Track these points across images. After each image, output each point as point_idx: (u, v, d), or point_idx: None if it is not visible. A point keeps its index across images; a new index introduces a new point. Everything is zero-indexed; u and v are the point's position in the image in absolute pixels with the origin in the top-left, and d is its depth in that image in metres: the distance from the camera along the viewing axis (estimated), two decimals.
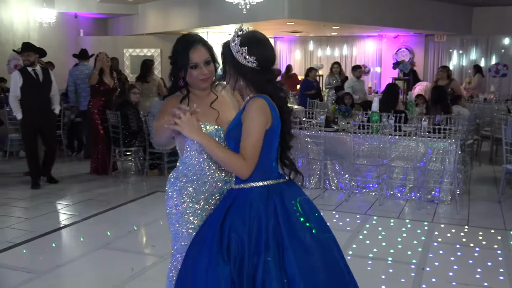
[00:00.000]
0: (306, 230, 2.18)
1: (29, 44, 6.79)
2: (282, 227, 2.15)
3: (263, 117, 2.15)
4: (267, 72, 2.22)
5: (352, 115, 6.80)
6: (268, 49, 2.25)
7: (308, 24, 14.15)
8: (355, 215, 5.56)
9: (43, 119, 6.62)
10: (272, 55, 2.26)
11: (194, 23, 14.34)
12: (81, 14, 15.56)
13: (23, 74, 6.54)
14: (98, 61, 7.31)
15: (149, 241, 4.92)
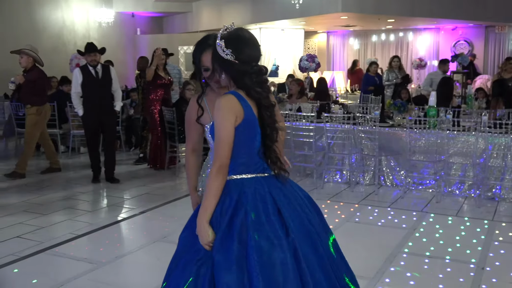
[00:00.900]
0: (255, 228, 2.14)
1: (93, 44, 6.96)
2: (249, 222, 2.14)
3: (230, 114, 2.17)
4: (245, 65, 2.23)
5: (408, 110, 6.65)
6: (249, 45, 2.28)
7: (362, 18, 13.93)
8: (411, 212, 5.45)
9: (103, 115, 6.83)
10: (252, 53, 2.28)
11: (247, 19, 14.42)
12: (137, 13, 15.98)
13: (83, 71, 6.80)
14: (155, 57, 7.46)
15: None
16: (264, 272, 2.06)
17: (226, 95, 2.23)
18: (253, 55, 2.27)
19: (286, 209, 2.22)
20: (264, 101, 2.26)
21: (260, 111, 2.26)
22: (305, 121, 6.75)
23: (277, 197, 2.24)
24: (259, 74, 2.27)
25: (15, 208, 5.68)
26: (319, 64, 10.23)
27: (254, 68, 2.26)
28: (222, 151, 2.17)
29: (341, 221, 5.18)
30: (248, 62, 2.24)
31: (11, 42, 12.94)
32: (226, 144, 2.17)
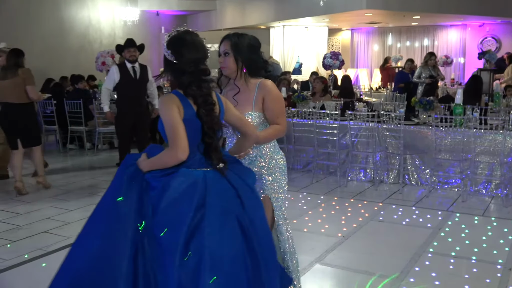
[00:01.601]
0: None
1: (133, 40, 6.75)
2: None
3: (172, 105, 2.33)
4: (183, 66, 2.40)
5: (434, 108, 6.56)
6: (188, 48, 2.42)
7: (387, 15, 13.79)
8: (437, 212, 5.38)
9: (136, 115, 6.80)
10: (191, 55, 2.41)
11: (270, 17, 14.41)
12: (162, 11, 16.11)
13: (121, 70, 6.77)
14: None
15: None
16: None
17: (167, 94, 2.47)
18: (192, 57, 2.41)
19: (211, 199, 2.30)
20: (200, 100, 2.38)
21: (198, 110, 2.39)
22: (329, 119, 6.72)
23: (209, 188, 2.32)
24: (197, 74, 2.41)
25: (42, 204, 5.79)
26: (343, 62, 10.18)
27: (192, 68, 2.40)
28: (176, 136, 2.31)
29: (365, 219, 5.14)
30: (187, 63, 2.40)
31: (39, 42, 13.21)
32: (177, 132, 2.31)
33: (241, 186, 2.43)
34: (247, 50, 2.88)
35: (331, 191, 6.29)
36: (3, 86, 6.10)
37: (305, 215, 5.31)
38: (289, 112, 7.16)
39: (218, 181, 2.36)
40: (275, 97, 2.88)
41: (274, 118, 2.88)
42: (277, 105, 2.88)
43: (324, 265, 4.03)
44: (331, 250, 4.32)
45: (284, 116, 2.94)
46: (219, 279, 2.17)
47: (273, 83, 2.95)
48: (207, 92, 2.42)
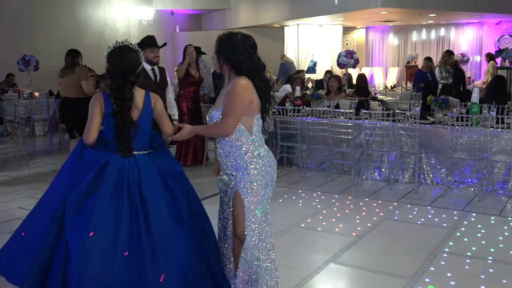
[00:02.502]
0: None
1: (154, 38, 5.93)
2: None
3: (96, 102, 3.00)
4: (111, 71, 3.01)
5: (450, 107, 6.50)
6: (117, 57, 3.01)
7: (402, 13, 13.70)
8: (452, 211, 5.34)
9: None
10: (118, 63, 3.00)
11: (285, 16, 14.40)
12: (176, 11, 16.18)
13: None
14: (187, 55, 7.44)
15: None
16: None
17: (97, 92, 3.16)
18: (118, 64, 2.98)
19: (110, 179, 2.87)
20: (117, 102, 2.94)
21: (114, 109, 2.95)
22: (343, 117, 6.69)
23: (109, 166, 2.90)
24: (123, 82, 2.95)
25: None
26: (357, 60, 10.10)
27: (118, 76, 2.96)
28: (87, 131, 3.01)
29: (380, 219, 5.12)
30: (115, 72, 2.97)
31: (55, 41, 13.35)
32: (94, 122, 3.00)
33: (148, 170, 2.94)
34: (230, 48, 2.93)
35: (346, 190, 6.27)
36: (63, 83, 7.04)
37: (319, 214, 5.31)
38: (304, 111, 7.15)
39: (120, 161, 2.93)
40: (230, 95, 2.87)
41: (222, 115, 2.90)
42: (227, 103, 2.87)
43: (338, 264, 4.03)
44: (345, 249, 4.31)
45: (230, 117, 2.84)
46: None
47: (245, 83, 2.86)
48: (127, 97, 2.94)
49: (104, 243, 2.70)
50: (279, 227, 4.88)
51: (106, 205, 2.78)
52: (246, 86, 2.87)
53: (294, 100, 7.60)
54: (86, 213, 2.75)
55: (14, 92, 10.75)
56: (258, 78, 2.93)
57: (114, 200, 2.80)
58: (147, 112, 3.06)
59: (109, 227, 2.73)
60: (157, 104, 3.11)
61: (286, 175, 7.07)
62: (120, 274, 2.69)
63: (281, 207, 5.59)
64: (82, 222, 2.73)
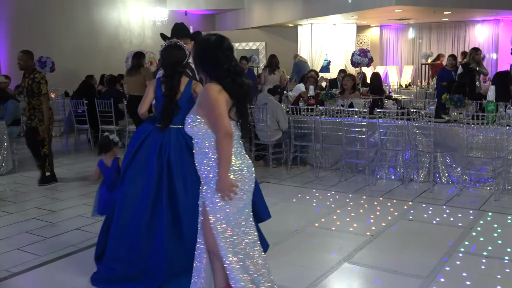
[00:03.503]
0: None
1: (183, 26, 5.07)
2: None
3: (150, 87, 3.84)
4: (165, 66, 3.80)
5: (465, 105, 6.43)
6: (168, 54, 3.78)
7: (416, 11, 13.59)
8: (468, 211, 5.29)
9: None
10: (171, 60, 3.74)
11: (298, 15, 14.38)
12: (190, 11, 16.24)
13: None
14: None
15: None
16: None
17: (154, 79, 3.93)
18: (168, 59, 3.77)
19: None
20: (166, 87, 3.69)
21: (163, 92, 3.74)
22: (357, 116, 6.66)
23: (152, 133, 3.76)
24: (168, 70, 3.72)
25: (74, 202, 5.92)
26: (371, 59, 10.06)
27: (169, 68, 3.73)
28: (143, 102, 3.84)
29: (394, 218, 5.09)
30: (167, 64, 3.77)
31: (70, 43, 13.49)
32: (147, 98, 3.84)
33: (179, 142, 3.58)
34: (201, 54, 2.88)
35: (360, 189, 6.24)
36: (129, 81, 8.10)
37: (333, 213, 5.29)
38: (317, 110, 7.14)
39: (158, 132, 3.65)
40: (206, 104, 2.76)
41: (212, 127, 2.78)
42: (208, 114, 2.77)
43: (352, 264, 4.01)
44: (359, 249, 4.29)
45: (220, 123, 2.72)
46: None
47: (214, 86, 2.76)
48: (175, 84, 3.66)
49: (133, 196, 3.61)
50: (293, 226, 4.89)
51: (140, 167, 3.64)
52: (217, 89, 2.75)
53: (307, 99, 7.59)
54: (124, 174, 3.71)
55: None
56: (232, 83, 2.78)
57: (146, 162, 3.62)
58: (186, 95, 3.69)
59: (137, 184, 3.61)
60: (196, 89, 3.69)
61: (300, 175, 7.06)
62: (143, 216, 3.55)
63: (295, 207, 5.59)
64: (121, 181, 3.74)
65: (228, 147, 2.74)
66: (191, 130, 2.86)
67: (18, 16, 12.62)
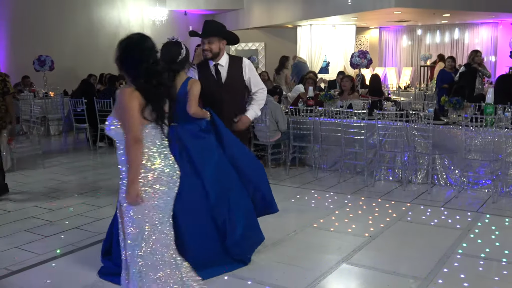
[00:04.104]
0: None
1: (215, 23, 4.48)
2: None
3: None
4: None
5: (464, 107, 6.45)
6: (163, 52, 3.49)
7: (416, 13, 13.63)
8: (466, 213, 5.30)
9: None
10: (163, 57, 3.21)
11: (298, 16, 14.40)
12: (190, 11, 16.25)
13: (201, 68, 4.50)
14: (196, 56, 7.38)
15: None
16: None
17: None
18: (162, 57, 3.13)
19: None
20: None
21: None
22: (356, 118, 6.68)
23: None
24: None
25: (73, 201, 5.92)
26: (371, 61, 10.07)
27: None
28: None
29: (393, 220, 5.10)
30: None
31: (70, 42, 13.49)
32: None
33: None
34: (121, 49, 2.79)
35: (358, 190, 6.26)
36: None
37: (332, 214, 5.31)
38: (316, 111, 7.15)
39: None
40: (120, 106, 2.71)
41: (123, 129, 2.72)
42: (121, 116, 2.72)
43: (351, 264, 4.03)
44: (358, 250, 4.31)
45: (130, 128, 2.66)
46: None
47: (127, 90, 2.70)
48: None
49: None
50: (292, 227, 4.90)
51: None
52: (129, 92, 2.68)
53: (306, 100, 7.60)
54: None
55: (30, 92, 10.88)
56: (144, 83, 2.71)
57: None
58: (181, 93, 3.73)
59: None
60: (192, 88, 3.76)
61: (298, 175, 7.07)
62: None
63: (294, 207, 5.60)
64: None
65: (136, 152, 2.67)
66: (110, 132, 2.79)
67: (18, 15, 12.62)
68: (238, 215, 3.86)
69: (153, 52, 2.80)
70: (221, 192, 3.82)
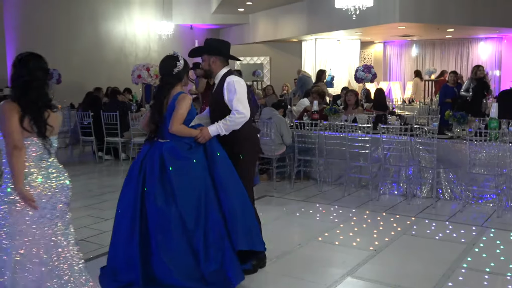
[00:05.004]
0: None
1: (207, 41, 4.39)
2: None
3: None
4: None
5: (468, 122, 6.47)
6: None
7: (420, 28, 13.71)
8: (471, 227, 5.30)
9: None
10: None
11: (302, 30, 14.50)
12: (196, 25, 16.41)
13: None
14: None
15: None
16: None
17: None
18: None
19: None
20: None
21: None
22: (361, 132, 6.71)
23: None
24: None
25: (79, 213, 5.95)
26: (375, 75, 10.14)
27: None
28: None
29: (397, 234, 5.11)
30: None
31: (77, 55, 13.62)
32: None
33: (152, 156, 3.81)
34: (12, 66, 3.04)
35: (363, 204, 6.27)
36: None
37: (337, 228, 5.32)
38: (321, 125, 7.18)
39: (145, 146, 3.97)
40: (0, 118, 2.89)
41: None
42: (1, 126, 2.90)
43: (355, 278, 4.03)
44: (363, 263, 4.31)
45: (6, 137, 2.86)
46: None
47: (4, 105, 2.91)
48: (158, 94, 3.88)
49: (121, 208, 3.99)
50: (297, 241, 4.91)
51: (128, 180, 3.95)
52: (8, 103, 2.89)
53: (311, 114, 7.64)
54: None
55: None
56: (23, 99, 2.88)
57: (131, 176, 3.91)
58: (170, 108, 3.75)
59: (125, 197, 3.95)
60: (179, 103, 3.71)
61: (303, 189, 7.09)
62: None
63: (299, 221, 5.61)
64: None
65: (17, 159, 2.82)
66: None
67: (26, 28, 12.78)
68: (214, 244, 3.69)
69: (39, 71, 2.98)
70: (198, 217, 3.69)
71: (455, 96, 9.76)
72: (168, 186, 3.69)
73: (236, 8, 15.17)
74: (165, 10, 15.49)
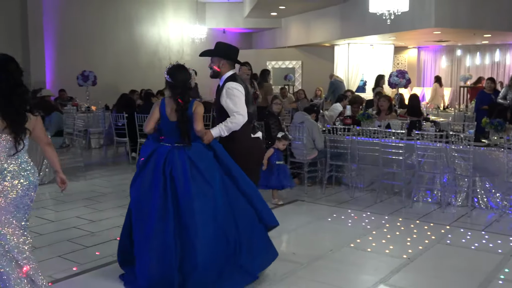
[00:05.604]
0: None
1: (217, 45, 4.67)
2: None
3: (156, 107, 4.11)
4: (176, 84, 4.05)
5: (506, 129, 6.32)
6: (180, 73, 4.05)
7: (456, 33, 13.47)
8: (508, 237, 5.16)
9: None
10: (182, 77, 4.04)
11: (335, 35, 14.42)
12: (228, 29, 16.52)
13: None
14: (240, 73, 7.54)
15: (290, 248, 5.06)
16: None
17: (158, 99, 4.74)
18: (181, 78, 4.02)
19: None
20: (178, 105, 3.97)
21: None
22: (395, 138, 6.63)
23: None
24: (179, 89, 3.99)
25: (112, 213, 6.04)
26: (409, 80, 9.99)
27: (179, 85, 4.01)
28: (147, 122, 4.15)
29: (431, 242, 5.02)
30: (178, 82, 4.01)
31: (111, 58, 13.89)
32: (152, 119, 4.10)
33: (177, 160, 3.89)
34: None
35: (396, 211, 6.18)
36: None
37: (369, 234, 5.26)
38: (354, 130, 7.13)
39: (162, 150, 3.99)
40: None
41: None
42: None
43: (388, 286, 3.98)
44: (396, 271, 4.25)
45: None
46: None
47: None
48: (186, 100, 3.96)
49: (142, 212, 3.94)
50: (328, 246, 4.87)
51: (148, 180, 3.90)
52: None
53: (344, 119, 7.58)
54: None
55: (73, 105, 11.22)
56: (7, 105, 3.04)
57: (152, 177, 3.89)
58: (189, 115, 3.98)
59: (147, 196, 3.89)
60: (197, 109, 3.99)
61: (334, 194, 7.04)
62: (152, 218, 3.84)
63: (330, 226, 5.58)
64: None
65: None
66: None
67: (64, 32, 13.10)
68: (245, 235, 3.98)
69: (15, 74, 3.10)
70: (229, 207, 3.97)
71: (492, 103, 9.53)
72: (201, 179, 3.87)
73: (269, 12, 15.21)
74: (199, 13, 15.66)
